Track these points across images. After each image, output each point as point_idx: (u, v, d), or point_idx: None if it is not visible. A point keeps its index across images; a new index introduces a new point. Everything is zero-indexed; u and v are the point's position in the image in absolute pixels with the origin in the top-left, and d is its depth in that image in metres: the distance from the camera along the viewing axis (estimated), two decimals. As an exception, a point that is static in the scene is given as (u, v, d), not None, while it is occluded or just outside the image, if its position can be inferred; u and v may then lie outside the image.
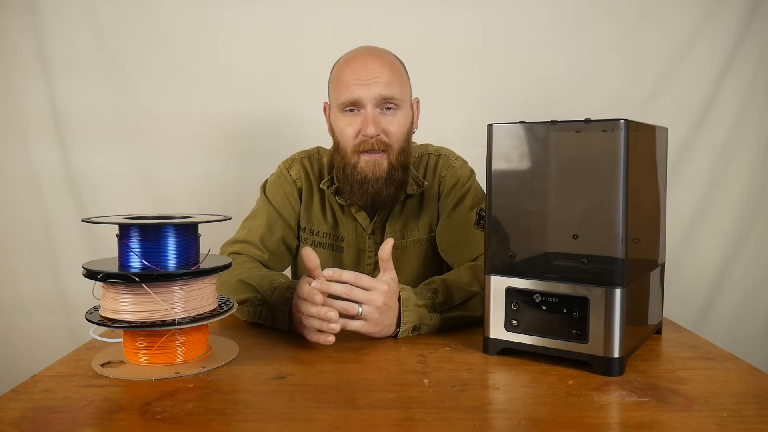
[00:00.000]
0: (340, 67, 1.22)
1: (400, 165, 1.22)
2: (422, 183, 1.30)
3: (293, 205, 1.32)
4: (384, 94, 1.17)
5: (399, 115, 1.21)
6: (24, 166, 1.78)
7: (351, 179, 1.21)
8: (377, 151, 1.19)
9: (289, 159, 1.36)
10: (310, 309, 0.96)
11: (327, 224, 1.32)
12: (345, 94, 1.18)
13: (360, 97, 1.17)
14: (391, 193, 1.23)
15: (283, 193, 1.32)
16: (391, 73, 1.19)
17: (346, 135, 1.20)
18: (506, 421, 0.72)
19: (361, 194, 1.22)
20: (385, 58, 1.21)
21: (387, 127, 1.19)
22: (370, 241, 1.31)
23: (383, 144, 1.19)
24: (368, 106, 1.17)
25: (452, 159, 1.34)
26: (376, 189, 1.20)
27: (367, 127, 1.17)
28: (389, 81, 1.18)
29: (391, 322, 1.02)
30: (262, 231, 1.29)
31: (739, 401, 0.77)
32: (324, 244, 1.33)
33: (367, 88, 1.17)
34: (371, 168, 1.19)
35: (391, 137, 1.20)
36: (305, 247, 1.01)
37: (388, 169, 1.20)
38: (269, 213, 1.31)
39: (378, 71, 1.18)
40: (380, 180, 1.20)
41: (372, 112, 1.17)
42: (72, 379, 0.85)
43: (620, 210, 0.83)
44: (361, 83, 1.17)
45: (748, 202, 1.88)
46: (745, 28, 1.81)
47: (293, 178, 1.33)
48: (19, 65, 1.76)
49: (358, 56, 1.21)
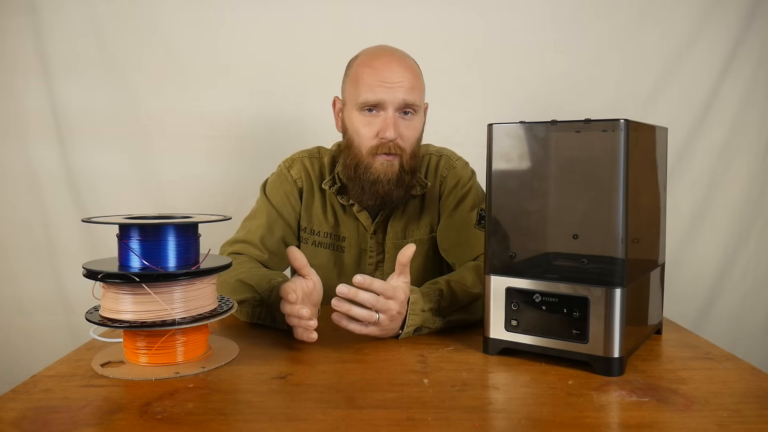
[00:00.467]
0: (361, 66, 1.21)
1: (410, 168, 1.23)
2: (425, 184, 1.30)
3: (294, 205, 1.32)
4: (407, 100, 1.18)
5: (415, 120, 1.21)
6: (24, 166, 1.78)
7: (363, 179, 1.21)
8: (392, 154, 1.20)
9: (290, 159, 1.36)
10: (284, 307, 0.97)
11: (328, 224, 1.32)
12: (368, 95, 1.18)
13: (383, 99, 1.17)
14: (400, 195, 1.23)
15: (284, 192, 1.32)
16: (413, 79, 1.19)
17: (362, 135, 1.20)
18: (506, 421, 0.72)
19: (371, 194, 1.22)
20: (408, 63, 1.22)
21: (404, 131, 1.19)
22: (372, 241, 1.31)
23: (399, 148, 1.20)
24: (389, 109, 1.17)
25: (453, 160, 1.35)
26: (386, 190, 1.21)
27: (387, 130, 1.17)
28: (412, 86, 1.18)
29: (397, 326, 1.02)
30: (262, 231, 1.29)
31: (739, 401, 0.77)
32: (325, 243, 1.33)
33: (392, 92, 1.17)
34: (384, 169, 1.20)
35: (405, 142, 1.20)
36: (290, 247, 1.01)
37: (399, 171, 1.21)
38: (269, 213, 1.31)
39: (402, 75, 1.18)
40: (392, 181, 1.20)
41: (393, 116, 1.18)
42: (72, 379, 0.85)
43: (620, 210, 0.83)
44: (385, 86, 1.17)
45: (748, 202, 1.88)
46: (745, 28, 1.81)
47: (294, 177, 1.33)
48: (19, 65, 1.76)
49: (382, 57, 1.21)
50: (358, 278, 0.96)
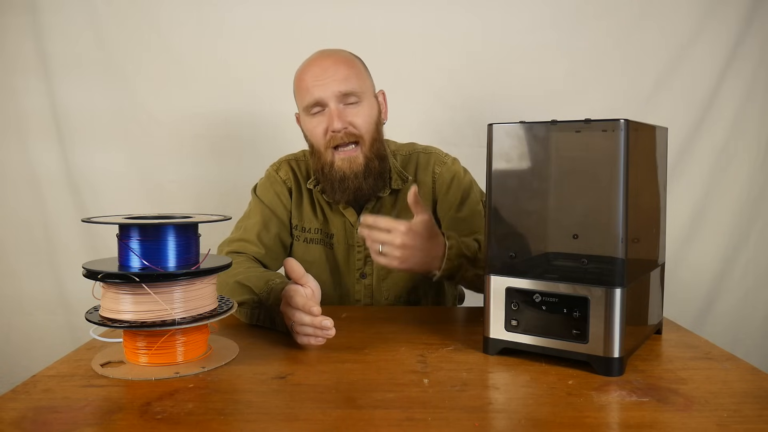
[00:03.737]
0: (299, 75, 1.27)
1: (375, 155, 1.25)
2: (406, 177, 1.32)
3: (285, 203, 1.34)
4: (342, 89, 1.21)
5: (363, 106, 1.24)
6: (24, 166, 1.78)
7: (330, 178, 1.24)
8: (349, 144, 1.22)
9: (276, 162, 1.40)
10: (304, 318, 0.96)
11: (318, 221, 1.34)
12: (306, 97, 1.23)
13: (320, 96, 1.21)
14: (371, 185, 1.25)
15: (274, 192, 1.34)
16: (347, 69, 1.22)
17: (316, 135, 1.24)
18: (506, 421, 0.72)
19: (342, 191, 1.24)
20: (339, 56, 1.25)
21: (353, 119, 1.22)
22: (359, 237, 1.31)
23: (353, 136, 1.22)
24: (330, 103, 1.21)
25: (443, 156, 1.37)
26: (356, 184, 1.23)
27: (333, 121, 1.20)
28: (346, 76, 1.21)
29: (421, 261, 1.08)
30: (258, 228, 1.31)
31: (739, 401, 0.77)
32: (316, 240, 1.34)
33: (325, 87, 1.20)
34: (348, 165, 1.22)
35: (359, 128, 1.23)
36: (287, 259, 1.01)
37: (364, 162, 1.23)
38: (263, 211, 1.33)
39: (333, 69, 1.21)
40: (359, 175, 1.23)
41: (335, 108, 1.21)
42: (72, 379, 0.85)
43: (620, 210, 0.83)
44: (319, 83, 1.21)
45: (748, 202, 1.88)
46: (745, 28, 1.81)
47: (283, 178, 1.36)
48: (19, 65, 1.76)
49: (314, 60, 1.26)
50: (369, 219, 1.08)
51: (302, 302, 0.97)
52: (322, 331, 0.96)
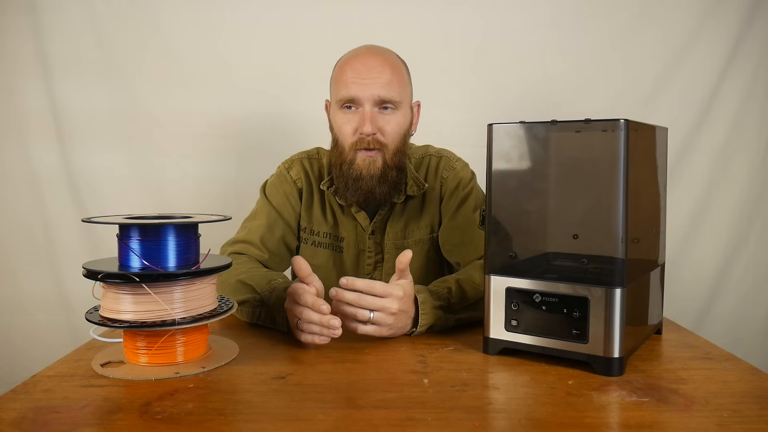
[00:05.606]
0: (341, 65, 1.23)
1: (395, 165, 1.23)
2: (423, 185, 1.30)
3: (293, 205, 1.32)
4: (382, 95, 1.18)
5: (397, 115, 1.21)
6: (24, 166, 1.78)
7: (346, 175, 1.22)
8: (372, 149, 1.20)
9: (289, 160, 1.37)
10: (312, 316, 0.96)
11: (327, 224, 1.33)
12: (343, 91, 1.19)
13: (357, 95, 1.18)
14: (384, 192, 1.23)
15: (283, 193, 1.32)
16: (391, 74, 1.19)
17: (344, 132, 1.22)
18: (506, 421, 0.72)
19: (354, 191, 1.22)
20: (386, 58, 1.22)
21: (384, 126, 1.20)
22: (370, 242, 1.31)
23: (378, 143, 1.20)
24: (366, 104, 1.18)
25: (453, 161, 1.35)
26: (369, 186, 1.21)
27: (364, 124, 1.18)
28: (389, 82, 1.19)
29: (405, 324, 1.03)
30: (262, 231, 1.29)
31: (739, 401, 0.77)
32: (324, 244, 1.33)
33: (366, 88, 1.17)
34: (366, 165, 1.20)
35: (387, 137, 1.21)
36: (295, 257, 1.01)
37: (382, 167, 1.21)
38: (269, 213, 1.31)
39: (378, 71, 1.18)
40: (374, 178, 1.21)
41: (370, 111, 1.18)
42: (72, 379, 0.85)
43: (620, 210, 0.83)
44: (360, 82, 1.18)
45: (748, 202, 1.88)
46: (745, 28, 1.81)
47: (293, 178, 1.33)
48: (19, 65, 1.76)
49: (360, 54, 1.22)
50: (342, 280, 0.99)
51: (311, 300, 0.96)
52: (329, 330, 0.95)
